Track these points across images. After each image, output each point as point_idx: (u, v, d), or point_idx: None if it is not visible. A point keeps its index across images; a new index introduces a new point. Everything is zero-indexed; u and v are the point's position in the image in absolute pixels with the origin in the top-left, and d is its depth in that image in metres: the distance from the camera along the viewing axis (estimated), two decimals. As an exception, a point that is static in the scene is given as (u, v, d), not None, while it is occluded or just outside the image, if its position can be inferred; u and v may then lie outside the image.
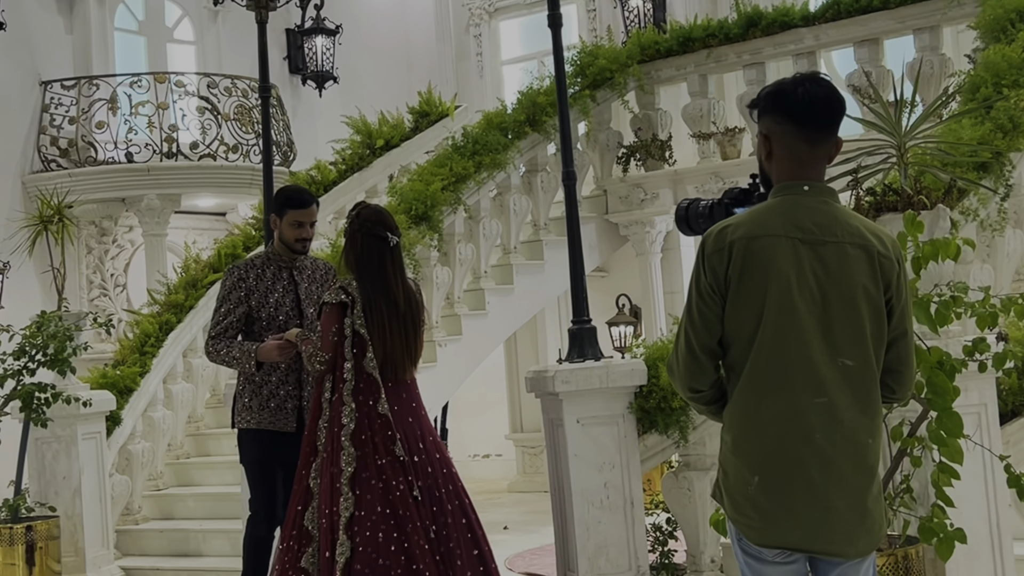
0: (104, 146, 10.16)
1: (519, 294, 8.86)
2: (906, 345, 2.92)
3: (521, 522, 9.78)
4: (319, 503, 4.69)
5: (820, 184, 2.91)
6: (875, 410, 2.87)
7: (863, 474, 2.83)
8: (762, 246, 2.85)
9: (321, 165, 9.62)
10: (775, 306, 2.83)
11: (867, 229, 2.90)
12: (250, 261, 5.34)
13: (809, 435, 2.80)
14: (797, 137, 2.88)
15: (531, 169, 9.25)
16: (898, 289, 2.90)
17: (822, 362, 2.82)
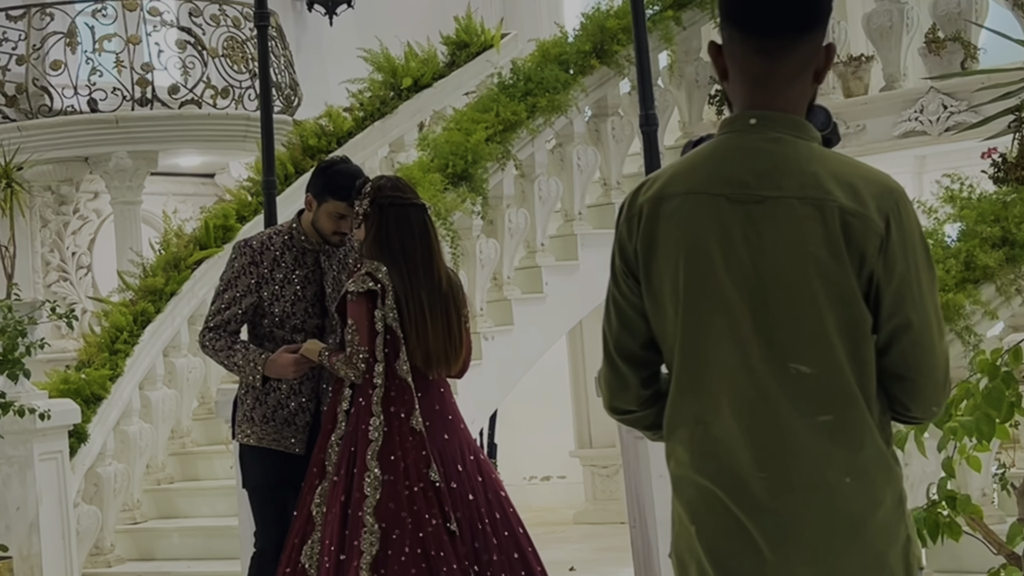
0: (61, 92, 10.26)
1: (585, 272, 8.85)
2: (915, 342, 2.52)
3: (591, 562, 9.79)
4: (322, 537, 4.75)
5: (775, 115, 2.55)
6: (857, 435, 2.50)
7: (845, 533, 2.48)
8: (675, 208, 2.57)
9: (333, 112, 9.65)
10: (691, 293, 2.55)
11: (833, 176, 2.52)
12: (267, 240, 5.36)
13: (739, 480, 2.51)
14: (745, 47, 2.54)
15: (599, 113, 9.23)
16: (887, 262, 2.50)
17: (761, 370, 2.51)
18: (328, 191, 5.25)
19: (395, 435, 4.77)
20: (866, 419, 2.52)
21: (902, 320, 2.52)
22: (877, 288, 2.51)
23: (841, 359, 2.50)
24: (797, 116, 2.57)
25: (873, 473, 2.51)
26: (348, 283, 4.93)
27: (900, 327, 2.52)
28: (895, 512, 2.53)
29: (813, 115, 2.63)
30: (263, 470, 5.30)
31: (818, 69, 2.58)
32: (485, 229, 8.36)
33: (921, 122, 8.96)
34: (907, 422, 2.66)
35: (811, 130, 2.58)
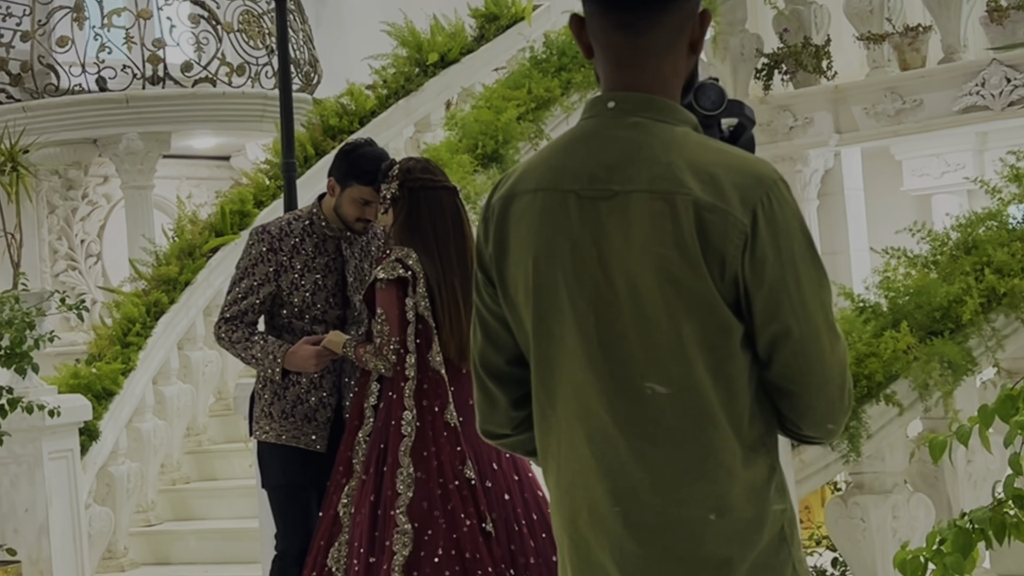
0: (68, 70, 10.29)
1: (625, 258, 8.83)
2: (798, 352, 2.31)
3: (632, 565, 9.78)
4: (350, 539, 4.76)
5: (635, 96, 2.36)
6: (721, 464, 2.31)
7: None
8: (524, 208, 2.40)
9: (355, 90, 9.66)
10: (539, 304, 2.38)
11: (691, 165, 2.31)
12: (286, 226, 5.35)
13: (598, 516, 2.36)
14: (605, 21, 2.36)
15: (638, 89, 9.21)
16: (755, 263, 2.28)
17: (612, 391, 2.33)
18: (352, 175, 5.24)
19: (428, 430, 4.77)
20: (732, 445, 2.31)
21: (780, 328, 2.30)
22: (746, 293, 2.29)
23: (700, 376, 2.30)
24: (664, 96, 2.37)
25: (743, 508, 2.31)
26: (377, 270, 4.92)
27: (778, 336, 2.31)
28: (776, 553, 2.34)
29: (703, 94, 2.46)
30: (283, 469, 5.31)
31: (693, 40, 2.39)
32: (517, 213, 8.34)
33: (983, 96, 8.91)
34: (804, 442, 2.46)
35: (679, 112, 2.38)
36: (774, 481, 2.36)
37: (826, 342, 2.32)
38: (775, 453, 2.38)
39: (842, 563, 5.97)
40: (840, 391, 2.35)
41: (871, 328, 5.58)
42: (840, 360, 2.35)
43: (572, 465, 2.38)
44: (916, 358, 5.45)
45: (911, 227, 5.92)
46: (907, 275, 5.74)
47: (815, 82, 9.64)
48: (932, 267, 5.74)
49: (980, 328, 5.52)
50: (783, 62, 9.67)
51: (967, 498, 5.60)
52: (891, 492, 5.59)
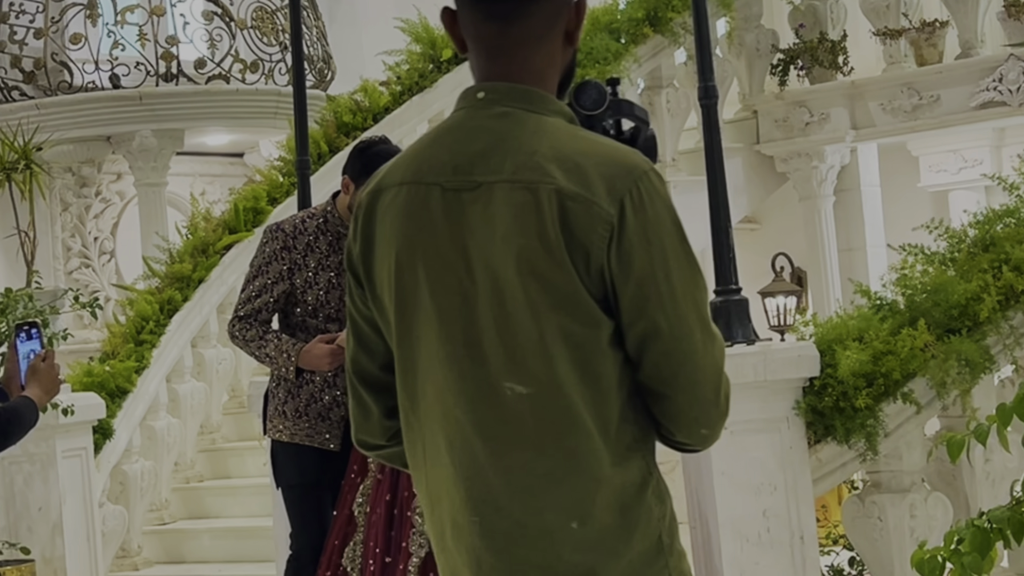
0: (82, 67, 10.31)
1: (640, 255, 8.84)
2: (667, 352, 2.22)
3: (647, 564, 9.79)
4: (365, 538, 4.76)
5: (505, 86, 2.31)
6: (585, 468, 2.22)
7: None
8: (389, 203, 2.34)
9: (369, 86, 9.66)
10: (402, 303, 2.31)
11: (556, 154, 2.24)
12: (300, 224, 5.36)
13: (459, 527, 2.29)
14: (475, 13, 2.33)
15: (652, 85, 9.20)
16: (621, 255, 2.19)
17: (472, 393, 2.25)
18: (367, 173, 5.24)
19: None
20: (597, 448, 2.22)
21: (647, 325, 2.21)
22: (614, 287, 2.21)
23: (564, 376, 2.21)
24: (537, 87, 2.31)
25: (608, 516, 2.22)
26: None
27: (647, 334, 2.21)
28: (650, 564, 2.25)
29: (583, 93, 2.42)
30: (298, 468, 5.31)
31: (569, 30, 2.33)
32: (532, 210, 8.34)
33: (1000, 92, 8.89)
34: (679, 449, 2.36)
35: (551, 103, 2.32)
36: (649, 487, 2.27)
37: (699, 342, 2.23)
38: (651, 458, 2.30)
39: (859, 562, 5.97)
40: (715, 394, 2.26)
41: (888, 326, 5.57)
42: (715, 361, 2.25)
43: (437, 474, 2.30)
44: (934, 356, 5.44)
45: (928, 224, 5.91)
46: (924, 272, 5.72)
47: (831, 78, 9.63)
48: (949, 264, 5.73)
49: (998, 326, 5.51)
50: (799, 57, 9.66)
51: (985, 497, 5.59)
52: (909, 491, 5.58)
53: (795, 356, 5.47)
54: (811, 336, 5.66)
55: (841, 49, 9.66)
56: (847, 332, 5.59)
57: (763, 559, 5.39)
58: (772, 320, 10.95)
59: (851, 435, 5.45)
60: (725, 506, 5.38)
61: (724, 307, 5.74)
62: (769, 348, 5.58)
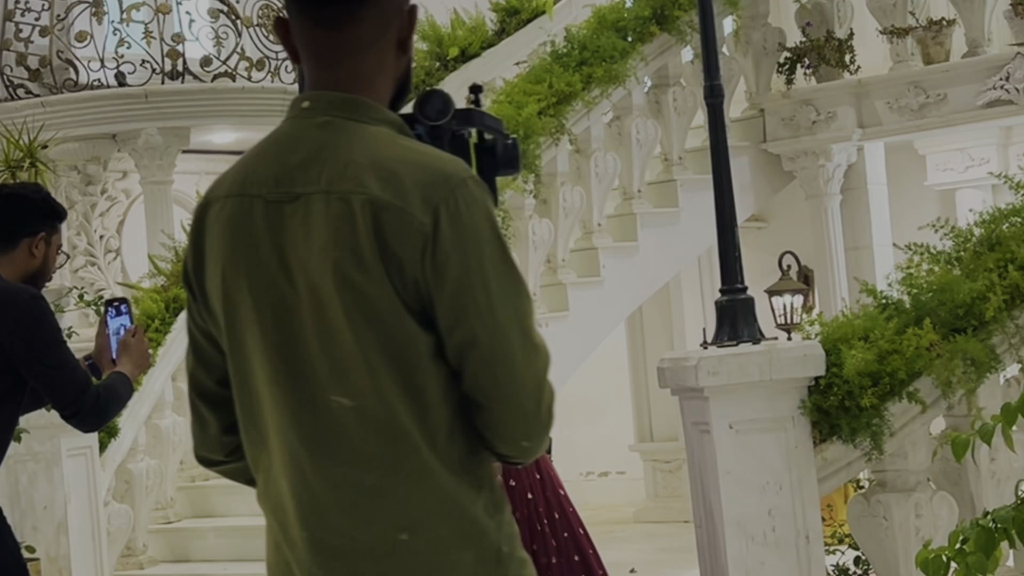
0: (87, 65, 10.33)
1: (645, 254, 8.84)
2: (486, 362, 2.19)
3: (653, 563, 9.79)
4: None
5: (329, 95, 2.29)
6: (411, 479, 2.21)
7: None
8: (215, 215, 2.32)
9: (375, 84, 9.67)
10: (230, 317, 2.29)
11: (374, 163, 2.21)
12: None
13: (292, 541, 2.28)
14: (303, 20, 2.30)
15: (659, 83, 9.20)
16: (436, 265, 2.17)
17: (298, 406, 2.24)
18: None
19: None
20: (425, 460, 2.20)
21: (465, 336, 2.18)
22: (430, 298, 2.18)
23: (386, 389, 2.19)
24: (366, 94, 2.29)
25: (437, 527, 2.21)
26: None
27: (465, 345, 2.19)
28: (489, 574, 2.24)
29: (427, 102, 2.38)
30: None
31: (401, 38, 2.32)
32: (538, 208, 8.35)
33: (1007, 90, 8.88)
34: (504, 462, 2.32)
35: (377, 111, 2.29)
36: (482, 498, 2.25)
37: (519, 353, 2.20)
38: (484, 469, 2.28)
39: (864, 561, 5.97)
40: (535, 406, 2.23)
41: (894, 325, 5.57)
42: (537, 373, 2.23)
43: (273, 488, 2.30)
44: (939, 355, 5.44)
45: (934, 223, 5.91)
46: (930, 272, 5.73)
47: (838, 76, 9.62)
48: (955, 264, 5.73)
49: (1004, 325, 5.51)
50: (805, 56, 9.66)
51: (990, 497, 5.59)
52: (914, 490, 5.58)
53: (801, 355, 5.48)
54: (817, 335, 5.67)
55: (848, 47, 9.66)
56: (853, 331, 5.59)
57: (768, 558, 5.39)
58: (778, 319, 10.95)
59: (856, 434, 5.45)
60: (730, 505, 5.39)
61: (730, 306, 5.75)
62: (775, 347, 5.59)
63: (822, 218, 10.09)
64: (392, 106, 2.35)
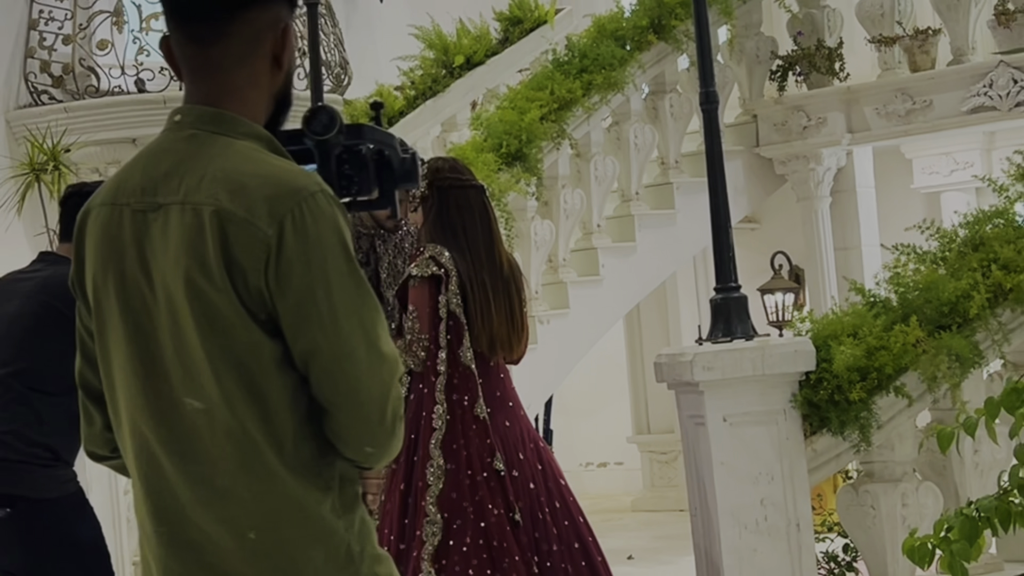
0: (108, 72, 10.32)
1: (643, 254, 8.83)
2: (328, 371, 2.21)
3: (650, 550, 9.78)
4: (380, 526, 4.79)
5: (199, 108, 2.31)
6: (257, 480, 2.23)
7: None
8: (91, 222, 2.36)
9: (383, 91, 9.66)
10: (100, 321, 2.34)
11: (226, 176, 2.23)
12: None
13: (148, 536, 2.31)
14: (178, 36, 2.31)
15: (657, 90, 9.19)
16: (280, 276, 2.18)
17: (154, 408, 2.26)
18: None
19: (458, 423, 4.80)
20: (270, 463, 2.21)
21: (308, 344, 2.20)
22: (274, 307, 2.20)
23: (231, 394, 2.21)
24: (237, 109, 2.30)
25: (284, 528, 2.22)
26: (411, 267, 4.93)
27: (308, 353, 2.20)
28: (339, 572, 2.24)
29: (314, 118, 2.37)
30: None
31: (276, 53, 2.33)
32: (540, 210, 8.35)
33: (990, 97, 8.87)
34: (356, 467, 2.32)
35: (241, 124, 2.30)
36: (329, 499, 2.25)
37: (363, 362, 2.20)
38: (333, 471, 2.27)
39: (853, 549, 5.97)
40: (380, 413, 2.23)
41: (881, 322, 5.57)
42: (382, 381, 2.23)
43: (135, 486, 2.33)
44: (925, 351, 5.44)
45: (920, 224, 5.91)
46: (916, 271, 5.73)
47: (828, 83, 9.61)
48: (941, 263, 5.73)
49: (987, 322, 5.51)
50: (797, 64, 9.64)
51: (974, 487, 5.59)
52: (900, 480, 5.58)
53: (792, 351, 5.47)
54: (807, 332, 5.67)
55: (837, 56, 9.65)
56: (842, 328, 5.59)
57: (761, 546, 5.39)
58: (770, 316, 10.94)
59: (845, 427, 5.45)
60: (724, 495, 5.39)
61: (724, 304, 5.75)
62: (767, 343, 5.58)
63: (812, 219, 10.08)
64: (273, 120, 2.38)
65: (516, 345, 4.99)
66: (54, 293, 4.28)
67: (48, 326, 4.26)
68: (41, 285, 4.37)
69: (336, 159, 2.37)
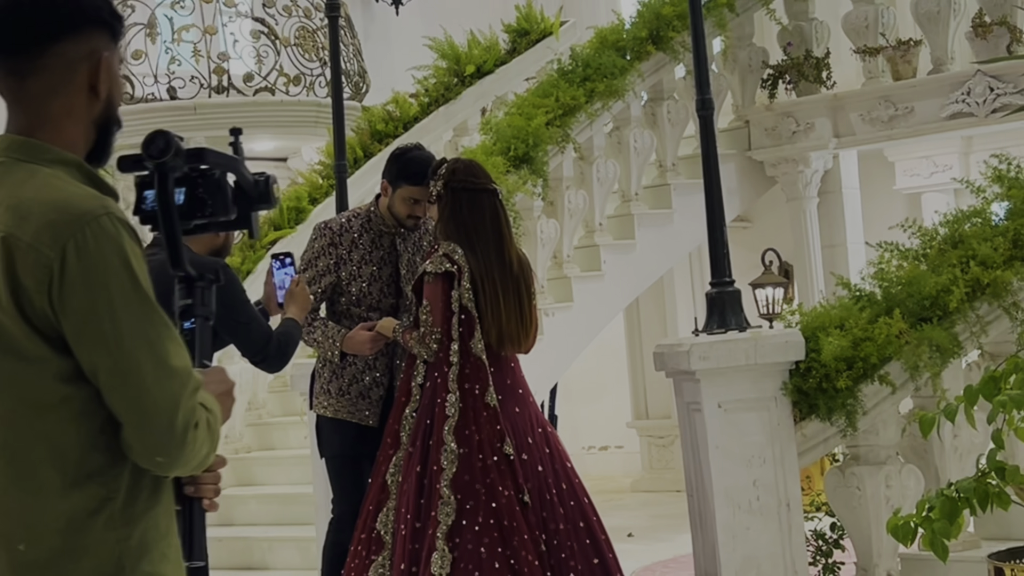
0: (142, 80, 10.33)
1: (642, 251, 8.82)
2: (113, 386, 2.20)
3: (648, 528, 9.78)
4: (397, 505, 4.78)
5: (9, 138, 2.30)
6: (32, 494, 2.21)
7: None
8: None
9: (399, 98, 9.66)
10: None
11: (19, 203, 2.22)
12: (346, 223, 5.39)
13: None
14: (1, 68, 2.31)
15: (655, 97, 9.18)
16: (63, 297, 2.18)
17: None
18: (402, 177, 5.27)
19: (470, 411, 4.80)
20: (47, 475, 2.19)
21: (93, 361, 2.19)
22: (60, 327, 2.19)
23: (12, 408, 2.21)
24: (51, 138, 2.29)
25: (55, 539, 2.19)
26: (425, 263, 4.94)
27: (94, 368, 2.19)
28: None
29: (150, 142, 2.35)
30: (340, 440, 5.34)
31: (93, 83, 2.32)
32: (546, 209, 8.34)
33: (968, 104, 8.84)
34: (157, 473, 2.29)
35: (50, 153, 2.29)
36: (105, 512, 2.21)
37: (149, 377, 2.19)
38: (119, 482, 2.24)
39: (840, 527, 5.95)
40: (168, 425, 2.20)
41: (866, 315, 5.55)
42: (172, 394, 2.21)
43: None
44: (907, 342, 5.42)
45: (903, 223, 5.89)
46: (899, 267, 5.70)
47: (816, 91, 9.59)
48: (922, 259, 5.70)
49: (966, 315, 5.49)
50: (787, 73, 9.62)
51: (953, 469, 5.57)
52: (884, 463, 5.56)
53: (783, 342, 5.46)
54: (797, 324, 5.65)
55: (825, 65, 9.63)
56: (829, 320, 5.57)
57: (753, 524, 5.38)
58: (762, 309, 10.93)
59: (833, 413, 5.43)
60: (719, 476, 5.38)
61: (719, 298, 5.73)
62: (759, 334, 5.57)
63: (801, 218, 10.05)
64: (98, 147, 2.39)
65: (524, 339, 4.98)
66: None
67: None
68: None
69: (190, 182, 2.38)
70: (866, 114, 9.33)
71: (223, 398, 2.41)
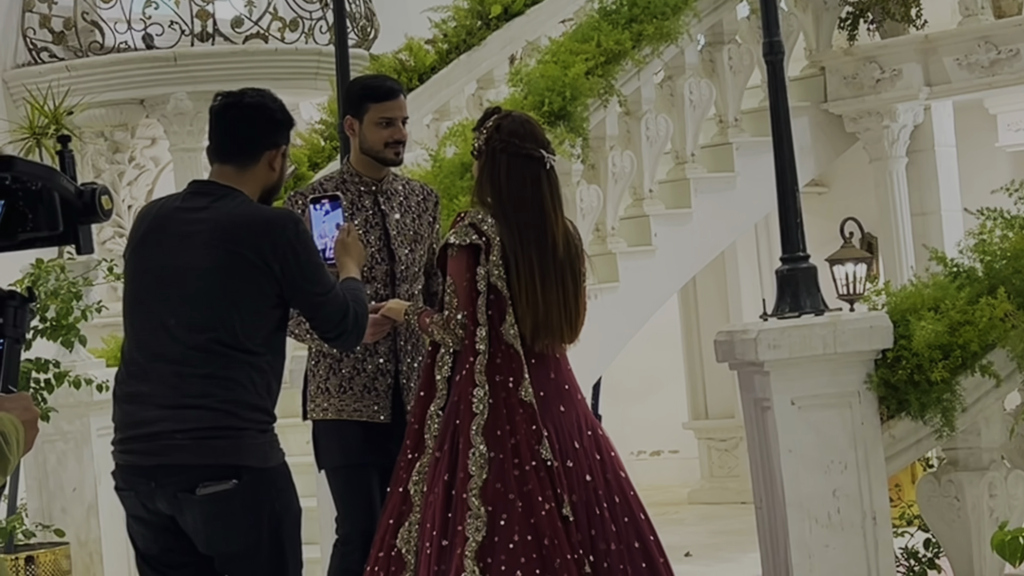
0: (114, 27, 10.36)
1: (699, 221, 8.81)
2: None
3: (709, 546, 9.79)
4: (422, 519, 4.77)
5: None
6: None
7: None
8: None
9: (414, 45, 9.66)
10: None
11: None
12: (318, 187, 5.39)
13: None
14: None
15: (713, 40, 9.16)
16: None
17: None
18: (367, 97, 5.28)
19: (502, 407, 4.74)
20: None
21: None
22: None
23: None
24: None
25: None
26: (449, 234, 4.90)
27: None
28: None
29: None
30: (341, 448, 5.30)
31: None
32: (586, 174, 8.34)
33: (1085, 45, 8.80)
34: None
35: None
36: None
37: None
38: None
39: (935, 544, 5.95)
40: None
41: (965, 295, 5.54)
42: None
43: None
44: (1014, 326, 5.41)
45: (1007, 186, 5.87)
46: (1004, 237, 5.69)
47: (903, 32, 9.55)
48: (1031, 229, 5.70)
49: (1084, 294, 5.48)
50: (869, 10, 9.59)
51: (1069, 475, 5.57)
52: (987, 469, 5.56)
53: (867, 327, 5.46)
54: (883, 306, 5.65)
55: (914, 1, 9.59)
56: (922, 301, 5.57)
57: (833, 541, 5.38)
58: (841, 289, 10.91)
59: (926, 410, 5.43)
60: (792, 485, 5.38)
61: (791, 275, 5.73)
62: (839, 319, 5.56)
63: (886, 182, 10.03)
64: None
65: (568, 336, 4.89)
66: (236, 238, 4.29)
67: (238, 279, 4.26)
68: (220, 230, 4.35)
69: (10, 194, 2.53)
70: (963, 58, 9.29)
71: (28, 425, 2.67)
